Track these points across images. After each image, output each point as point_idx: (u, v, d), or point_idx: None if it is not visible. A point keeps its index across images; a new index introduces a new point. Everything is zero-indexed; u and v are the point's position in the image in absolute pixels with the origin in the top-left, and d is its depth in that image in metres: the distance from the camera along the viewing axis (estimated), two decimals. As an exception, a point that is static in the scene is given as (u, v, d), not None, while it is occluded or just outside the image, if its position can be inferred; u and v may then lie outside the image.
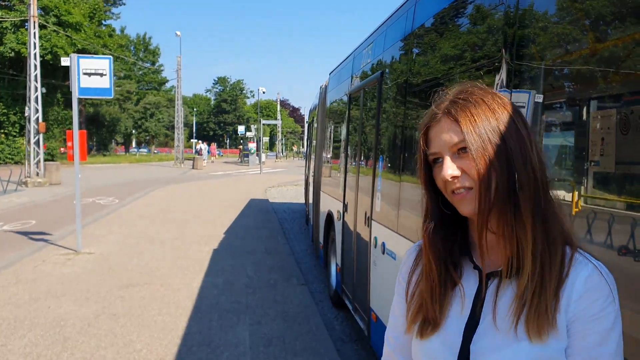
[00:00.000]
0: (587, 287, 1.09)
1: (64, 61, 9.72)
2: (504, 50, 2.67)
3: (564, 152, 2.57)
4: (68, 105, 37.12)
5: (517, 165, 1.11)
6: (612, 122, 2.08)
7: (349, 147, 6.60)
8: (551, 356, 1.08)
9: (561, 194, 2.43)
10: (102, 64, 9.52)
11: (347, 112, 6.68)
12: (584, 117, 2.30)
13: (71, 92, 9.56)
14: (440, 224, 1.23)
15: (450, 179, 1.13)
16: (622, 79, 2.05)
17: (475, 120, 1.13)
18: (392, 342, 1.38)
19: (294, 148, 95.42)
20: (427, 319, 1.22)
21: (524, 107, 2.55)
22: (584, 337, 1.08)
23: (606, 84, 2.15)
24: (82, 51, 36.44)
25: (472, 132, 1.12)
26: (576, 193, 2.24)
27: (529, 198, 1.11)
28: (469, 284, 1.21)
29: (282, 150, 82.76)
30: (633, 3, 1.98)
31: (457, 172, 1.13)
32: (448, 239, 1.22)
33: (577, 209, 2.22)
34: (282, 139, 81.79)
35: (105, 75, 9.46)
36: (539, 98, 2.45)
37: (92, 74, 9.37)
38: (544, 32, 2.52)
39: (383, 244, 4.60)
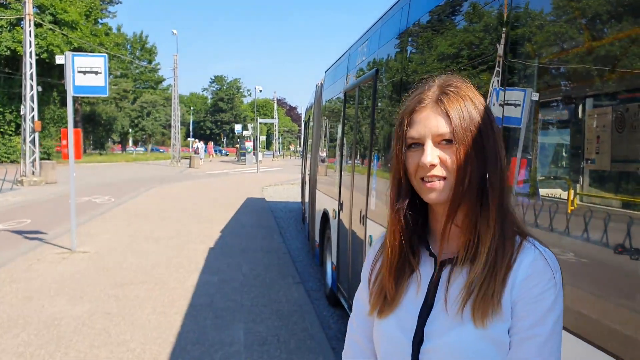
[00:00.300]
0: (531, 271, 1.15)
1: (59, 59, 9.67)
2: (499, 48, 2.65)
3: (560, 150, 2.55)
4: (64, 103, 36.97)
5: (490, 162, 1.18)
6: (607, 120, 2.07)
7: (344, 146, 6.58)
8: (495, 337, 1.14)
9: (557, 192, 2.42)
10: (97, 62, 9.46)
11: (342, 111, 6.66)
12: (580, 115, 2.29)
13: (66, 91, 9.51)
14: (408, 209, 1.27)
15: (428, 166, 1.16)
16: (618, 77, 2.03)
17: (463, 115, 1.18)
18: (356, 327, 1.44)
19: (290, 147, 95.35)
20: (386, 300, 1.28)
21: (519, 104, 2.54)
22: (524, 317, 1.14)
23: (602, 82, 2.13)
24: (78, 50, 36.32)
25: (459, 126, 1.17)
26: (572, 191, 2.23)
27: (496, 194, 1.18)
28: (425, 269, 1.27)
29: (279, 149, 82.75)
30: (628, 1, 1.96)
31: (436, 161, 1.17)
32: (412, 224, 1.27)
33: (573, 207, 2.21)
34: (279, 138, 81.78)
35: (100, 73, 9.40)
36: (535, 96, 2.44)
37: (87, 72, 9.32)
38: (540, 30, 2.50)
39: (378, 243, 4.57)
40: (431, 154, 1.16)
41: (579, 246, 2.13)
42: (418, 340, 1.21)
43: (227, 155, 73.76)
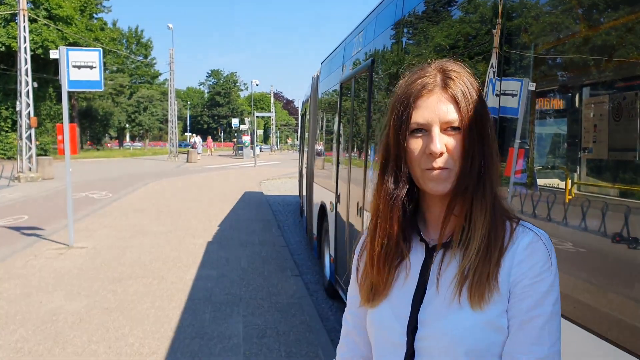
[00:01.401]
0: (528, 253, 1.14)
1: (53, 54, 9.65)
2: (495, 37, 2.64)
3: (557, 139, 2.55)
4: (60, 99, 36.87)
5: (487, 148, 1.17)
6: (604, 109, 2.06)
7: (341, 138, 6.56)
8: (492, 321, 1.13)
9: (555, 181, 2.41)
10: (92, 56, 9.41)
11: (338, 102, 6.64)
12: (577, 104, 2.28)
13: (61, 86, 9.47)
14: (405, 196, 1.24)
15: (438, 155, 1.13)
16: (615, 66, 2.02)
17: (470, 101, 1.16)
18: (350, 320, 1.42)
19: (288, 141, 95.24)
20: (373, 288, 1.27)
21: (516, 95, 2.52)
22: (522, 299, 1.13)
23: (598, 71, 2.12)
24: (74, 45, 36.12)
25: (467, 112, 1.15)
26: (569, 180, 2.22)
27: (491, 180, 1.18)
28: (416, 255, 1.25)
29: (277, 142, 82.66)
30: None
31: (444, 149, 1.13)
32: (407, 211, 1.24)
33: (570, 197, 2.20)
34: (276, 132, 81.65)
35: (95, 67, 9.35)
36: (532, 86, 2.43)
37: (82, 67, 9.27)
38: (536, 20, 2.49)
39: (376, 235, 4.57)
40: (439, 142, 1.13)
41: (576, 235, 2.12)
42: (412, 328, 1.19)
43: (215, 148, 72.13)
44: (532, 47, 2.47)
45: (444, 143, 1.13)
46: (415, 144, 1.16)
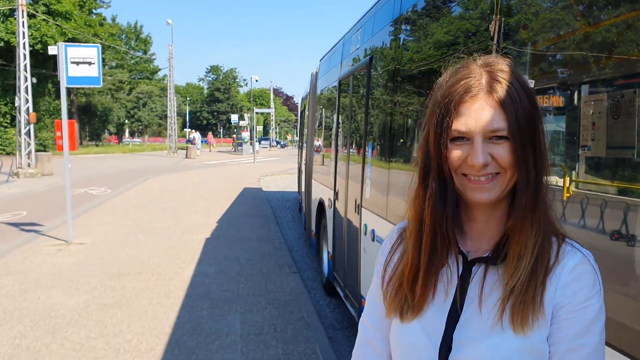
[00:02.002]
0: (574, 275, 1.06)
1: (52, 50, 9.60)
2: (493, 34, 2.62)
3: (556, 137, 2.53)
4: (59, 95, 36.85)
5: (540, 159, 1.07)
6: (603, 106, 2.05)
7: (339, 135, 6.55)
8: (534, 346, 1.04)
9: (553, 179, 2.40)
10: (91, 52, 9.39)
11: (337, 99, 6.62)
12: (575, 102, 2.27)
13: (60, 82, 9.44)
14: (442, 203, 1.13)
15: (480, 167, 1.03)
16: (614, 64, 2.01)
17: (520, 107, 1.04)
18: (369, 328, 1.30)
19: (287, 137, 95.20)
20: (407, 302, 1.16)
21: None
22: (568, 325, 1.05)
23: (597, 69, 2.11)
24: (73, 40, 36.07)
25: (515, 120, 1.04)
26: (568, 178, 2.22)
27: (542, 190, 1.08)
28: (453, 269, 1.14)
29: (277, 138, 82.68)
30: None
31: (489, 159, 1.04)
32: (449, 221, 1.13)
33: (569, 194, 2.19)
34: (275, 128, 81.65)
35: (93, 63, 9.33)
36: (531, 83, 2.42)
37: (81, 63, 9.25)
38: (535, 17, 2.47)
39: (373, 231, 4.57)
40: (483, 153, 1.03)
41: (575, 233, 2.11)
42: (446, 349, 1.09)
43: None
44: (530, 44, 2.46)
45: (488, 153, 1.04)
46: (457, 153, 1.06)
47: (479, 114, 1.04)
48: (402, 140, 4.21)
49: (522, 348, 1.04)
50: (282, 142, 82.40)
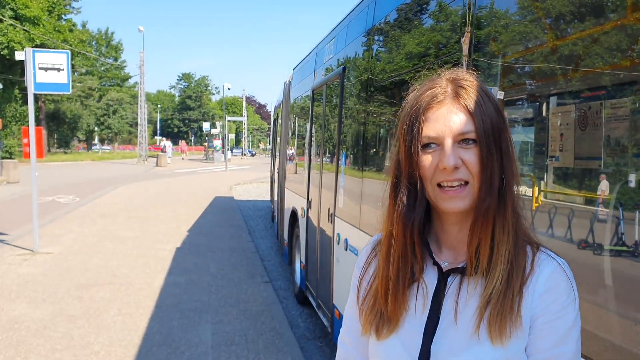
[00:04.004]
0: (550, 284, 1.07)
1: (19, 55, 9.39)
2: (464, 46, 2.66)
3: (525, 147, 2.58)
4: (27, 101, 36.10)
5: (507, 163, 1.08)
6: (570, 118, 2.09)
7: (312, 144, 6.55)
8: (512, 357, 1.05)
9: (522, 189, 2.44)
10: (59, 58, 9.23)
11: (310, 108, 6.63)
12: (544, 113, 2.31)
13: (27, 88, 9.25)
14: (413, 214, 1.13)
15: (451, 169, 1.04)
16: (581, 76, 2.06)
17: (485, 111, 1.07)
18: (348, 344, 1.31)
19: (260, 145, 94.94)
20: (383, 318, 1.16)
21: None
22: (545, 335, 1.06)
23: (565, 81, 2.16)
24: (41, 46, 35.48)
25: (482, 124, 1.05)
26: (537, 188, 2.25)
27: (513, 198, 1.09)
28: (429, 280, 1.14)
29: (249, 147, 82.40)
30: (591, 1, 1.99)
31: (459, 163, 1.04)
32: (421, 232, 1.14)
33: (537, 204, 2.23)
34: (248, 136, 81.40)
35: (62, 70, 9.17)
36: (500, 95, 2.45)
37: (49, 69, 9.08)
38: (505, 30, 2.52)
39: (346, 241, 4.57)
40: (453, 155, 1.04)
41: (543, 242, 2.14)
42: None
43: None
44: (500, 56, 2.50)
45: (458, 156, 1.05)
46: (428, 160, 1.07)
47: (447, 118, 1.06)
48: (374, 150, 4.23)
49: (500, 359, 1.04)
50: (251, 151, 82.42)
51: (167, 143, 48.53)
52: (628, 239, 1.82)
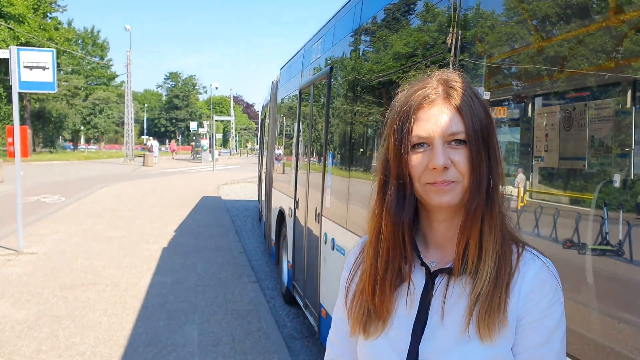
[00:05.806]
0: (536, 283, 1.08)
1: (3, 53, 9.29)
2: (450, 46, 2.67)
3: (510, 147, 2.59)
4: (11, 100, 35.72)
5: (494, 164, 1.09)
6: (555, 118, 2.10)
7: (299, 143, 6.55)
8: (501, 355, 1.06)
9: (508, 189, 2.45)
10: (45, 57, 9.13)
11: (297, 108, 6.63)
12: (529, 113, 2.33)
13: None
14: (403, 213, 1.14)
15: (441, 169, 1.05)
16: (566, 77, 2.07)
17: (475, 112, 1.08)
18: (337, 345, 1.31)
19: (248, 144, 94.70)
20: (371, 317, 1.16)
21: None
22: (531, 334, 1.06)
23: (550, 82, 2.17)
24: (26, 44, 35.15)
25: (472, 125, 1.07)
26: (522, 188, 2.26)
27: (499, 199, 1.10)
28: (417, 280, 1.15)
29: (236, 147, 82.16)
30: (575, 3, 2.00)
31: (449, 163, 1.05)
32: (410, 232, 1.15)
33: (523, 204, 2.24)
34: (236, 136, 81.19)
35: (48, 68, 9.08)
36: (486, 95, 2.47)
37: (34, 67, 8.99)
38: (491, 30, 2.53)
39: (333, 240, 4.57)
40: (443, 155, 1.04)
41: (529, 242, 2.16)
42: None
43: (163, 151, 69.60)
44: (486, 56, 2.51)
45: (448, 156, 1.05)
46: (417, 159, 1.08)
47: (437, 118, 1.07)
48: (362, 150, 4.24)
49: (489, 357, 1.05)
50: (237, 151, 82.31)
51: (154, 143, 48.28)
52: (612, 238, 1.84)
